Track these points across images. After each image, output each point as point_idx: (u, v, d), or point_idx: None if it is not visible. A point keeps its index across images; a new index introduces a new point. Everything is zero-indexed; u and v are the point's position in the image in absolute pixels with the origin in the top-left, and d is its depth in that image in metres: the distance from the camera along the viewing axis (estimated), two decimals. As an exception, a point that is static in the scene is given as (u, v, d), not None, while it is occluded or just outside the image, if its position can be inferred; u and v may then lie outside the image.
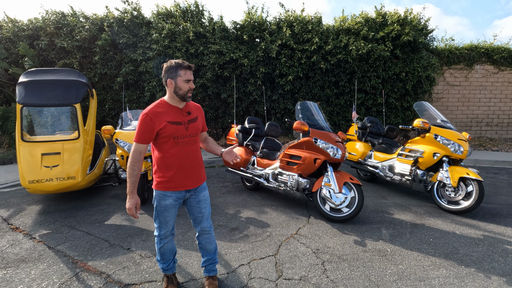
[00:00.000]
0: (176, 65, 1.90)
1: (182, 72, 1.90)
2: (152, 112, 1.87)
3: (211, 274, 2.32)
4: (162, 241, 2.12)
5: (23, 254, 2.79)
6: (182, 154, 1.97)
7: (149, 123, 1.85)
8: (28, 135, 4.13)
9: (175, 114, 1.95)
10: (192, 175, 2.04)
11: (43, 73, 4.34)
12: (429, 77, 8.71)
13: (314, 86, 8.74)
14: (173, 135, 1.92)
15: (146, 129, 1.86)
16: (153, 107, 1.91)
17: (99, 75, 8.44)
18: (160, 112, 1.90)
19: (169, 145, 1.93)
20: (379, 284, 2.34)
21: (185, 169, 2.00)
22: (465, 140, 4.05)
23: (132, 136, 4.24)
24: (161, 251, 2.15)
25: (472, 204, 3.65)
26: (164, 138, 1.91)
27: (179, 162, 1.97)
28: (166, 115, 1.91)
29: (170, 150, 1.94)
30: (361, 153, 5.17)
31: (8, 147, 7.46)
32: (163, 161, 1.96)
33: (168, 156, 1.95)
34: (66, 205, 4.10)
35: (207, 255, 2.28)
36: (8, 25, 8.48)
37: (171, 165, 1.96)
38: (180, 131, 1.94)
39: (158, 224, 2.08)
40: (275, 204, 4.22)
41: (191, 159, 2.02)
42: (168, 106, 1.95)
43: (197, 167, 2.07)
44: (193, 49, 8.04)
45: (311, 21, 8.53)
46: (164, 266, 2.22)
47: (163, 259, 2.19)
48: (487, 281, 2.41)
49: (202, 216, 2.16)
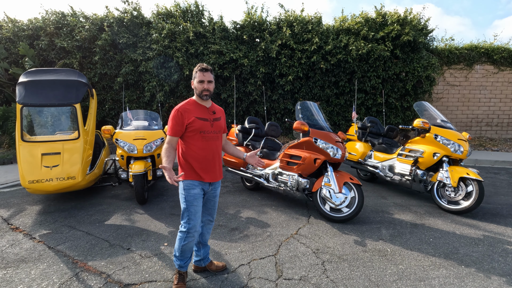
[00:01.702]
0: (196, 68, 2.16)
1: (197, 74, 2.15)
2: (183, 108, 2.11)
3: (209, 260, 2.50)
4: (189, 238, 2.16)
5: (23, 254, 2.79)
6: (208, 148, 2.18)
7: (180, 117, 2.09)
8: (28, 135, 4.13)
9: (202, 111, 2.18)
10: (215, 169, 2.24)
11: (43, 73, 4.33)
12: (429, 77, 8.71)
13: (314, 86, 8.74)
14: (200, 129, 2.13)
15: (178, 122, 2.09)
16: (183, 104, 2.15)
17: (99, 75, 8.44)
18: (189, 108, 2.13)
19: (196, 138, 2.14)
20: (379, 284, 2.34)
21: (209, 162, 2.20)
22: (465, 140, 4.06)
23: (132, 136, 4.27)
24: (184, 248, 2.19)
25: (472, 204, 3.65)
26: (192, 132, 2.12)
27: (205, 155, 2.17)
28: (194, 111, 2.14)
29: (197, 143, 2.15)
30: (361, 153, 5.17)
31: (8, 147, 7.46)
32: (191, 154, 2.15)
33: (196, 149, 2.15)
34: (66, 205, 4.10)
35: (204, 247, 2.43)
36: (8, 25, 8.48)
37: (198, 157, 2.15)
38: (206, 126, 2.16)
39: (188, 217, 2.14)
40: (275, 204, 4.22)
41: (214, 153, 2.22)
42: (196, 104, 2.19)
43: (219, 162, 2.29)
44: (193, 49, 8.04)
45: (311, 21, 8.54)
46: (181, 263, 2.25)
47: (182, 256, 2.23)
48: (487, 281, 2.41)
49: (214, 209, 2.39)
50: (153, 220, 3.60)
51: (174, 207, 4.07)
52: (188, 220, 2.14)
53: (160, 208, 4.01)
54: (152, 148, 4.26)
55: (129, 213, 3.84)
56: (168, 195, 4.62)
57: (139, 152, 4.15)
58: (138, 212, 3.88)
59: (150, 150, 4.23)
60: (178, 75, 8.25)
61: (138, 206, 4.10)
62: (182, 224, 2.17)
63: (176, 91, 8.63)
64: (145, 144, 4.20)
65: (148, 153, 4.21)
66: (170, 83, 8.36)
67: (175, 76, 8.23)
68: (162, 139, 4.46)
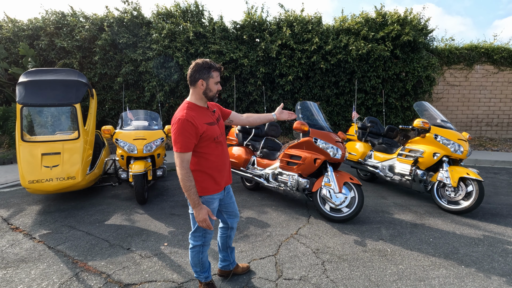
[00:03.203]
0: (208, 65, 1.81)
1: (214, 73, 1.84)
2: (190, 116, 1.74)
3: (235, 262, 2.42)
4: (205, 248, 2.05)
5: (23, 254, 2.79)
6: (222, 153, 1.97)
7: (191, 127, 1.73)
8: (28, 135, 4.13)
9: (206, 115, 1.88)
10: (228, 172, 2.09)
11: (43, 73, 4.34)
12: (429, 77, 8.71)
13: (314, 86, 8.74)
14: (213, 136, 1.86)
15: (191, 134, 1.73)
16: (187, 111, 1.77)
17: (99, 75, 8.44)
18: (195, 115, 1.78)
19: (211, 147, 1.87)
20: (379, 284, 2.34)
21: (225, 168, 2.02)
22: (465, 140, 4.06)
23: (132, 136, 4.26)
24: (203, 260, 2.06)
25: (472, 204, 3.65)
26: (207, 141, 1.84)
27: (221, 162, 1.96)
28: (201, 117, 1.82)
29: (212, 152, 1.89)
30: (361, 153, 5.16)
31: (8, 147, 7.46)
32: (207, 164, 1.89)
33: (212, 159, 1.90)
34: (66, 205, 4.10)
35: (232, 250, 2.34)
36: (8, 25, 8.48)
37: (216, 167, 1.92)
38: (216, 131, 1.90)
39: (204, 231, 1.99)
40: (275, 204, 4.22)
41: (227, 157, 2.04)
42: (197, 108, 1.85)
43: (230, 164, 2.13)
44: (193, 49, 8.04)
45: (311, 21, 8.54)
46: (207, 274, 2.13)
47: (204, 267, 2.10)
48: (487, 281, 2.41)
49: (236, 209, 2.24)
50: (153, 220, 3.60)
51: (174, 207, 4.07)
52: (204, 234, 2.00)
53: (160, 208, 4.01)
54: (152, 148, 4.26)
55: (129, 213, 3.84)
56: (168, 195, 4.62)
57: (139, 152, 4.15)
58: (138, 212, 3.88)
59: (150, 150, 4.23)
60: (178, 75, 8.25)
61: (138, 206, 4.10)
62: (194, 237, 2.01)
63: (176, 91, 8.63)
64: (145, 144, 4.20)
65: (148, 153, 4.21)
66: (170, 83, 8.36)
67: (175, 76, 8.23)
68: (162, 139, 4.46)
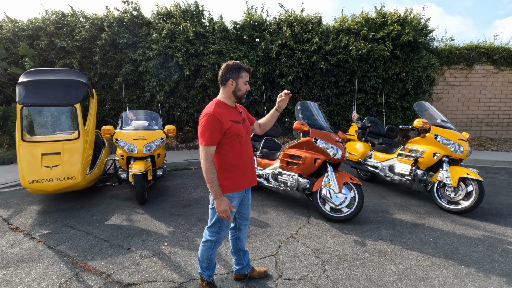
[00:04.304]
0: (238, 66, 1.92)
1: (244, 74, 1.94)
2: (218, 112, 1.84)
3: (251, 266, 2.40)
4: (217, 246, 2.09)
5: (23, 254, 2.79)
6: (245, 153, 2.01)
7: (218, 123, 1.82)
8: (28, 135, 4.13)
9: (233, 113, 1.97)
10: (252, 173, 2.11)
11: (43, 73, 4.33)
12: (429, 77, 8.71)
13: (314, 86, 8.74)
14: (238, 134, 1.93)
15: (216, 129, 1.82)
16: (215, 108, 1.86)
17: (99, 75, 8.44)
18: (222, 112, 1.87)
19: (234, 144, 1.94)
20: (379, 284, 2.34)
21: (248, 167, 2.04)
22: (465, 140, 4.06)
23: (132, 136, 4.26)
24: (211, 257, 2.10)
25: (472, 204, 3.65)
26: (230, 138, 1.91)
27: (243, 161, 2.00)
28: (228, 114, 1.90)
29: (235, 150, 1.94)
30: (361, 153, 5.16)
31: (8, 147, 7.45)
32: (229, 161, 1.94)
33: (234, 156, 1.95)
34: (66, 205, 4.10)
35: (244, 253, 2.34)
36: (8, 25, 8.47)
37: (237, 164, 1.96)
38: (241, 129, 1.97)
39: (219, 228, 2.03)
40: (275, 204, 4.22)
41: (250, 157, 2.08)
42: (225, 106, 1.94)
43: (253, 165, 2.14)
44: (193, 49, 8.04)
45: (311, 21, 8.54)
46: (210, 273, 2.16)
47: (210, 265, 2.13)
48: (487, 281, 2.41)
49: (248, 212, 2.27)
50: (153, 220, 3.60)
51: (174, 207, 4.07)
52: (219, 231, 2.04)
53: (160, 208, 4.01)
54: (152, 148, 4.26)
55: (129, 213, 3.84)
56: (168, 195, 4.62)
57: (139, 152, 4.15)
58: (138, 212, 3.88)
59: (150, 150, 4.23)
60: (178, 75, 8.26)
61: (138, 206, 4.10)
62: (210, 233, 2.06)
63: (176, 91, 8.63)
64: (145, 144, 4.20)
65: (148, 153, 4.21)
66: (170, 83, 8.36)
67: (175, 76, 8.23)
68: (162, 139, 4.46)
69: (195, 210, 3.97)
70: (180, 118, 8.90)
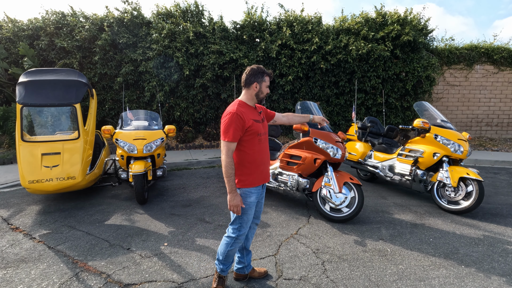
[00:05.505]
0: (262, 71, 2.07)
1: (266, 78, 2.09)
2: (240, 111, 1.97)
3: (251, 266, 2.43)
4: (236, 243, 2.14)
5: (23, 254, 2.79)
6: (263, 150, 2.13)
7: (240, 121, 1.94)
8: (28, 135, 4.13)
9: (254, 113, 2.10)
10: (268, 170, 2.22)
11: (43, 73, 4.33)
12: (429, 77, 8.71)
13: (314, 86, 8.74)
14: (257, 132, 2.05)
15: (238, 126, 1.94)
16: (238, 107, 1.99)
17: (99, 75, 8.44)
18: (244, 111, 2.00)
19: (254, 142, 2.05)
20: (379, 284, 2.34)
21: (265, 165, 2.16)
22: (465, 140, 4.05)
23: (132, 136, 4.26)
24: (229, 253, 2.16)
25: (472, 204, 3.65)
26: (251, 136, 2.02)
27: (261, 158, 2.11)
28: (249, 113, 2.03)
29: (254, 147, 2.05)
30: (361, 153, 5.17)
31: (8, 147, 7.46)
32: (248, 158, 2.05)
33: (253, 153, 2.06)
34: (66, 205, 4.10)
35: (248, 253, 2.37)
36: (8, 25, 8.47)
37: (254, 161, 2.07)
38: (260, 128, 2.09)
39: (240, 224, 2.10)
40: (275, 204, 4.22)
41: (267, 155, 2.20)
42: (247, 106, 2.07)
43: (269, 163, 2.25)
44: (193, 49, 8.04)
45: (311, 21, 8.54)
46: (224, 268, 2.22)
47: (226, 260, 2.19)
48: (487, 281, 2.41)
49: (261, 211, 2.33)
50: (153, 220, 3.60)
51: (174, 207, 4.07)
52: (239, 228, 2.10)
53: (160, 208, 4.01)
54: (152, 148, 4.26)
55: (129, 213, 3.84)
56: (168, 195, 4.62)
57: (139, 152, 4.15)
58: (138, 212, 3.88)
59: (150, 150, 4.23)
60: (178, 75, 8.25)
61: (138, 206, 4.10)
62: (232, 229, 2.13)
63: (176, 91, 8.63)
64: (145, 144, 4.20)
65: (148, 153, 4.21)
66: (170, 83, 8.36)
67: (175, 76, 8.23)
68: (162, 139, 4.46)
69: (195, 210, 3.97)
70: (180, 118, 8.90)
